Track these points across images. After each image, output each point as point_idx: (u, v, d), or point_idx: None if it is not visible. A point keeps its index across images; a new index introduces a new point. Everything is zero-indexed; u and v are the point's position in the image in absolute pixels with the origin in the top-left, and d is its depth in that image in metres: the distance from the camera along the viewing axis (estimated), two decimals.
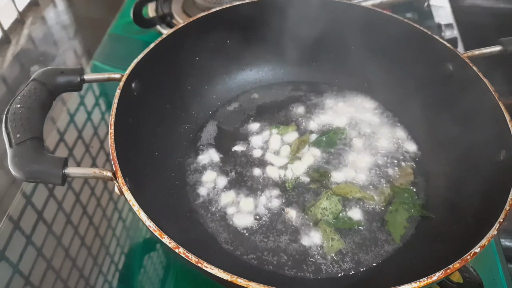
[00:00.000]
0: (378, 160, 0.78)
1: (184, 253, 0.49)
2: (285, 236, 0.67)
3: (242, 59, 0.89)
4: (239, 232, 0.68)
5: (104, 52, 1.10)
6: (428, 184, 0.74)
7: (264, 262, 0.65)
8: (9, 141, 0.55)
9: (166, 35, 0.74)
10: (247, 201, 0.71)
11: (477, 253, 0.50)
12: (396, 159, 0.78)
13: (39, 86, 0.61)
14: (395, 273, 0.62)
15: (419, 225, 0.69)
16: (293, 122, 0.84)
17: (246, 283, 0.46)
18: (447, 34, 1.08)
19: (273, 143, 0.79)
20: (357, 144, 0.80)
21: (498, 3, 1.35)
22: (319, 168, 0.76)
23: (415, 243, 0.67)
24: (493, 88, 0.66)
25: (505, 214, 0.53)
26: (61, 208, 0.79)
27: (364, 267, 0.64)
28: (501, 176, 0.58)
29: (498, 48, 0.72)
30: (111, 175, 0.55)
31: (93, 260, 0.72)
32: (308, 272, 0.64)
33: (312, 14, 0.85)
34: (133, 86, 0.68)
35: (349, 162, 0.77)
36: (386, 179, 0.75)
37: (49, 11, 1.26)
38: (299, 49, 0.90)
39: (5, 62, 1.06)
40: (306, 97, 0.89)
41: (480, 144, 0.67)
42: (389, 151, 0.79)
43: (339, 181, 0.74)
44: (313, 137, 0.81)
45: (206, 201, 0.72)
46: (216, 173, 0.75)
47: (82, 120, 0.94)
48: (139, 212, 0.52)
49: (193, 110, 0.84)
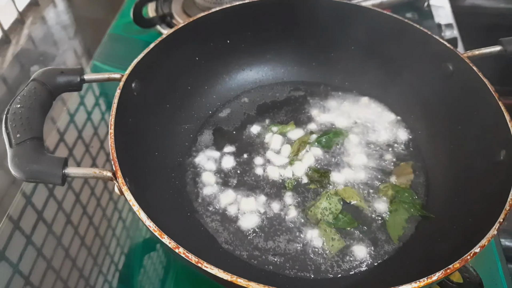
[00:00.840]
0: (378, 160, 0.77)
1: (184, 253, 0.49)
2: (285, 236, 0.67)
3: (242, 59, 0.89)
4: (239, 232, 0.68)
5: (104, 52, 1.10)
6: (428, 184, 0.74)
7: (264, 262, 0.65)
8: (9, 141, 0.55)
9: (166, 35, 0.74)
10: (247, 201, 0.71)
11: (477, 253, 0.50)
12: (397, 159, 0.78)
13: (39, 86, 0.61)
14: (395, 273, 0.62)
15: (419, 225, 0.69)
16: (292, 122, 0.84)
17: (246, 283, 0.46)
18: (447, 34, 1.08)
19: (274, 143, 0.79)
20: (357, 144, 0.80)
21: (498, 3, 1.36)
22: (319, 169, 0.76)
23: (415, 243, 0.67)
24: (493, 88, 0.66)
25: (505, 214, 0.52)
26: (61, 208, 0.79)
27: (364, 267, 0.64)
28: (501, 176, 0.58)
29: (498, 48, 0.72)
30: (111, 175, 0.55)
31: (93, 260, 0.72)
32: (308, 272, 0.64)
33: (312, 14, 0.85)
34: (133, 86, 0.68)
35: (349, 162, 0.77)
36: (386, 179, 0.75)
37: (49, 11, 1.26)
38: (299, 49, 0.90)
39: (5, 62, 1.06)
40: (306, 97, 0.89)
41: (480, 144, 0.67)
42: (389, 151, 0.79)
43: (339, 181, 0.74)
44: (313, 137, 0.81)
45: (206, 201, 0.72)
46: (216, 173, 0.75)
47: (82, 120, 0.94)
48: (139, 212, 0.52)
49: (193, 110, 0.84)
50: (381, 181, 0.74)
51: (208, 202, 0.72)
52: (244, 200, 0.71)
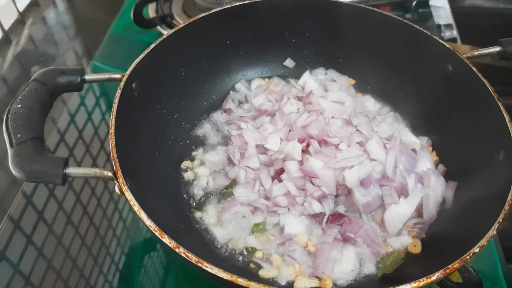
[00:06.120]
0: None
1: (184, 253, 0.49)
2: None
3: (242, 60, 0.90)
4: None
5: (105, 53, 1.10)
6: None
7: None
8: (9, 141, 0.55)
9: (166, 35, 0.75)
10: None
11: (477, 253, 0.50)
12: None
13: (39, 86, 0.62)
14: (395, 272, 0.62)
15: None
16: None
17: (246, 282, 0.46)
18: (447, 34, 1.08)
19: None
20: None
21: (497, 4, 1.36)
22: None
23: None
24: (493, 88, 0.66)
25: (504, 214, 0.53)
26: (61, 208, 0.79)
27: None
28: (501, 176, 0.58)
29: (498, 49, 0.72)
30: (111, 175, 0.55)
31: (94, 260, 0.72)
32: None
33: (312, 15, 0.85)
34: (134, 86, 0.68)
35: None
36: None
37: (49, 12, 1.26)
38: (299, 49, 0.90)
39: (5, 63, 1.06)
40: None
41: (479, 144, 0.67)
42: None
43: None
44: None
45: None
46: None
47: (82, 120, 0.94)
48: (140, 212, 0.52)
49: (193, 110, 0.84)
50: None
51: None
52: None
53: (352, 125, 0.72)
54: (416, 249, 0.63)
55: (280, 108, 0.78)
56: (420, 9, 1.14)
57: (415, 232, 0.66)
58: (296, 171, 0.67)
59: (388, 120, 0.80)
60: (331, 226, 0.66)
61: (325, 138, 0.70)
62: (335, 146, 0.69)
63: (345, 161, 0.66)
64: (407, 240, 0.64)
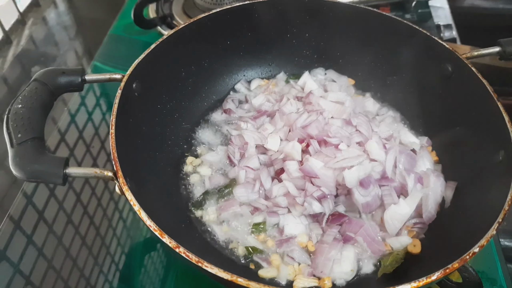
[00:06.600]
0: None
1: (184, 253, 0.49)
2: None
3: (242, 60, 0.90)
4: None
5: (105, 53, 1.10)
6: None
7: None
8: (10, 141, 0.55)
9: (166, 36, 0.75)
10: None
11: (476, 253, 0.50)
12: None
13: (40, 86, 0.62)
14: (395, 272, 0.62)
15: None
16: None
17: (246, 282, 0.46)
18: (446, 35, 1.08)
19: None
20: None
21: (497, 4, 1.36)
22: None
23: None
24: (492, 88, 0.66)
25: (504, 214, 0.53)
26: (62, 208, 0.79)
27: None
28: (500, 176, 0.58)
29: (497, 49, 0.72)
30: (112, 175, 0.55)
31: (94, 260, 0.72)
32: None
33: (312, 15, 0.85)
34: (134, 86, 0.68)
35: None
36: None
37: (50, 12, 1.26)
38: (300, 49, 0.90)
39: (6, 63, 1.07)
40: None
41: (479, 145, 0.67)
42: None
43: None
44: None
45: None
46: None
47: (83, 120, 0.94)
48: (140, 212, 0.52)
49: (194, 111, 0.84)
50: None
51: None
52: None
53: (351, 125, 0.72)
54: (415, 249, 0.64)
55: (280, 108, 0.78)
56: (419, 10, 1.14)
57: (415, 232, 0.66)
58: (296, 171, 0.67)
59: (387, 120, 0.80)
60: (331, 226, 0.66)
61: (325, 138, 0.70)
62: (335, 146, 0.69)
63: (344, 161, 0.66)
64: (407, 240, 0.64)
